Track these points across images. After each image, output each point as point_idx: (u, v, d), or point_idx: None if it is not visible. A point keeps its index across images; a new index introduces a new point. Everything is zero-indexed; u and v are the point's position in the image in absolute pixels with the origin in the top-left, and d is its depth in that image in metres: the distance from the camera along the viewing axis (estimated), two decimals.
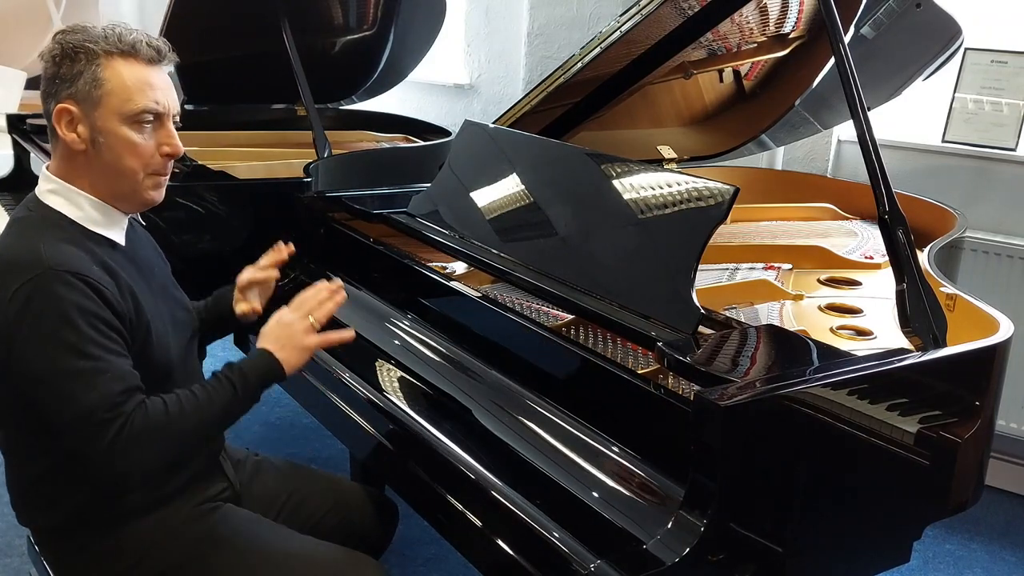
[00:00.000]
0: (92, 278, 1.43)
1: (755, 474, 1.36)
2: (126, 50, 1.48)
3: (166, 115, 1.53)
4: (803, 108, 2.75)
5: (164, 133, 1.53)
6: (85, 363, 1.39)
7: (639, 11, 2.21)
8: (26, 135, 3.27)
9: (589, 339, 1.73)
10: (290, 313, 1.62)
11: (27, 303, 1.39)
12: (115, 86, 1.47)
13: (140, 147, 1.50)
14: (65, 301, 1.40)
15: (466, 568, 1.63)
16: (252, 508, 1.70)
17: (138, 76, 1.49)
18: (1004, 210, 3.12)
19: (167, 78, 1.54)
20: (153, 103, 1.49)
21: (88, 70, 1.46)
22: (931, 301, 1.62)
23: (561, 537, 1.40)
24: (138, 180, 1.52)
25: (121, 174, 1.51)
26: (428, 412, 1.78)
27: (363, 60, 3.50)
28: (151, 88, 1.49)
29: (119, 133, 1.48)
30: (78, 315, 1.40)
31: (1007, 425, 3.13)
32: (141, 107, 1.48)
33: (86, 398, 1.38)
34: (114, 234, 1.56)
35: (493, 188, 2.12)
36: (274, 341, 1.59)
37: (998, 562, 2.82)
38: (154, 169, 1.53)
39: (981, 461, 1.67)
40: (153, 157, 1.52)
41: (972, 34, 2.87)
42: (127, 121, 1.48)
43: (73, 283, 1.41)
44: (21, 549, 2.51)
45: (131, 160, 1.50)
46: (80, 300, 1.41)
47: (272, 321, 1.63)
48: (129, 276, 1.53)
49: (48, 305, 1.39)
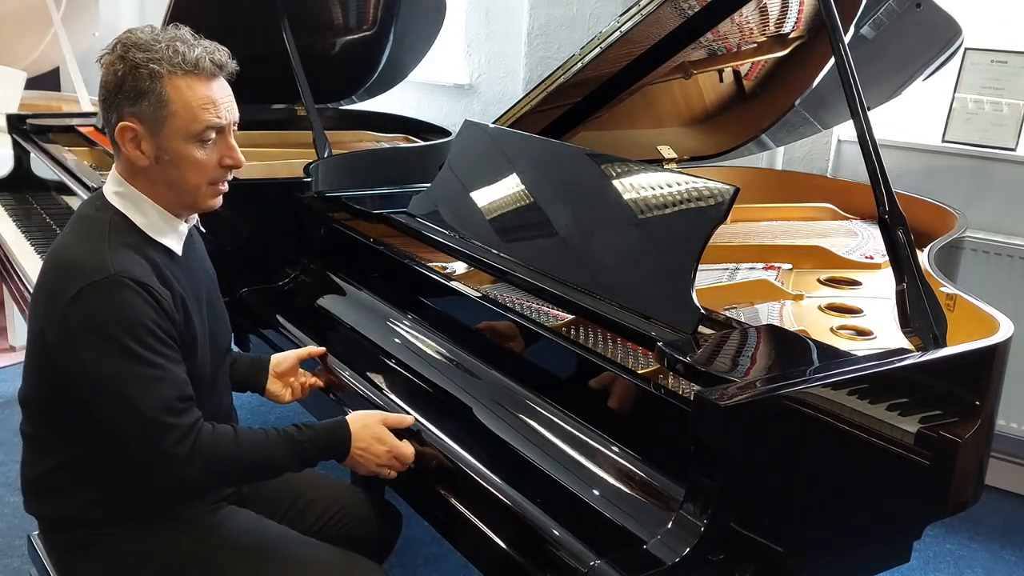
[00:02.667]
0: (153, 287, 1.45)
1: (755, 474, 1.36)
2: (189, 69, 1.48)
3: (227, 127, 1.54)
4: (803, 108, 2.75)
5: (225, 145, 1.54)
6: (146, 369, 1.42)
7: (639, 11, 2.21)
8: (26, 135, 3.27)
9: (589, 339, 1.73)
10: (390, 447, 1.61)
11: (90, 306, 1.41)
12: (179, 107, 1.48)
13: (203, 163, 1.52)
14: (128, 307, 1.42)
15: (466, 568, 1.63)
16: (257, 511, 1.70)
17: (202, 95, 1.49)
18: (1004, 210, 3.11)
19: (227, 89, 1.55)
20: (215, 119, 1.51)
21: (152, 90, 1.46)
22: (931, 301, 1.62)
23: (561, 536, 1.40)
24: (200, 193, 1.55)
25: (184, 188, 1.54)
26: (428, 411, 1.78)
27: (363, 60, 3.50)
28: (214, 105, 1.50)
29: (183, 152, 1.50)
30: (139, 322, 1.42)
31: (1007, 425, 3.13)
32: (204, 125, 1.49)
33: (146, 404, 1.41)
34: (173, 243, 1.57)
35: (493, 188, 2.12)
36: (363, 441, 1.59)
37: (998, 562, 2.82)
38: (215, 179, 1.55)
39: (981, 461, 1.67)
40: (215, 170, 1.54)
41: (972, 34, 2.87)
42: (191, 140, 1.50)
43: (136, 291, 1.43)
44: (21, 550, 2.51)
45: (195, 176, 1.53)
46: (142, 307, 1.43)
47: (382, 429, 1.62)
48: (182, 287, 1.54)
49: (111, 310, 1.41)
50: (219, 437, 1.48)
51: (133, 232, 1.52)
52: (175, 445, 1.43)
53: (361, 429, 1.60)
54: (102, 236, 1.48)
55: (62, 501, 1.56)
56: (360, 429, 1.60)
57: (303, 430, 1.57)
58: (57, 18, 4.13)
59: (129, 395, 1.41)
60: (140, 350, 1.41)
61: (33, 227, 3.09)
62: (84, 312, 1.41)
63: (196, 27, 1.59)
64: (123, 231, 1.51)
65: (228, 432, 1.50)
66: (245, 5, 2.85)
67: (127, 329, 1.41)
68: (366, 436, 1.60)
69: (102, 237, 1.48)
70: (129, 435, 1.45)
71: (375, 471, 1.62)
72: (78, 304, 1.41)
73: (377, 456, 1.60)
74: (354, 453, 1.59)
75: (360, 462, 1.60)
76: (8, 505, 2.81)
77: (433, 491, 1.61)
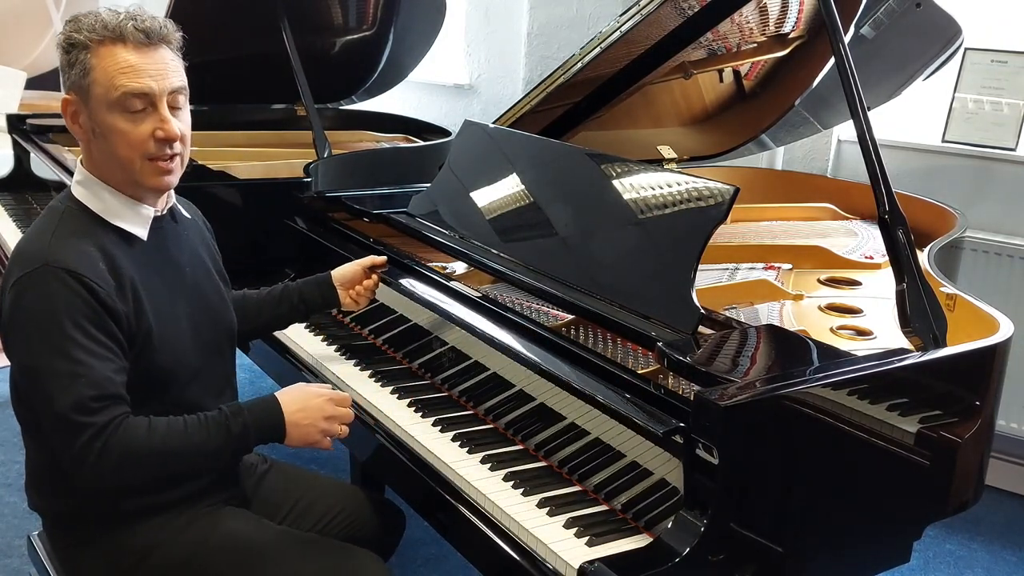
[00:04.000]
0: (87, 277, 1.43)
1: (755, 474, 1.36)
2: (111, 36, 1.45)
3: (157, 98, 1.48)
4: (803, 108, 2.75)
5: (157, 117, 1.48)
6: (64, 364, 1.39)
7: (639, 11, 2.21)
8: (26, 135, 3.27)
9: (589, 339, 1.73)
10: (331, 405, 1.55)
11: (20, 296, 1.42)
12: (99, 74, 1.45)
13: (129, 134, 1.47)
14: (55, 298, 1.40)
15: (466, 568, 1.63)
16: (258, 512, 1.70)
17: (121, 61, 1.45)
18: (1004, 210, 3.11)
19: (161, 59, 1.49)
20: (134, 84, 1.45)
21: (78, 60, 1.46)
22: (931, 301, 1.62)
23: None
24: (135, 168, 1.50)
25: (119, 163, 1.50)
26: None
27: (363, 60, 3.50)
28: (135, 72, 1.45)
29: (108, 122, 1.47)
30: (65, 314, 1.40)
31: (1007, 425, 3.13)
32: (122, 92, 1.45)
33: (61, 399, 1.38)
34: (135, 228, 1.55)
35: (493, 188, 2.12)
36: (298, 412, 1.52)
37: (999, 562, 2.82)
38: (150, 155, 1.49)
39: (981, 461, 1.67)
40: (146, 143, 1.48)
41: (972, 34, 2.87)
42: (114, 108, 1.46)
43: (67, 281, 1.41)
44: (21, 550, 2.51)
45: (123, 148, 1.48)
46: (70, 299, 1.41)
47: (311, 395, 1.55)
48: (141, 274, 1.52)
49: (38, 301, 1.41)
50: (129, 431, 1.41)
51: (87, 219, 1.50)
52: (86, 445, 1.37)
53: (297, 401, 1.53)
54: (51, 225, 1.48)
55: (64, 497, 1.56)
56: (296, 401, 1.53)
57: (238, 413, 1.50)
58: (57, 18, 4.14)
59: (46, 389, 1.39)
60: (61, 343, 1.39)
61: None
62: (15, 302, 1.42)
63: (196, 27, 1.58)
64: (75, 219, 1.50)
65: (141, 423, 1.43)
66: (245, 5, 2.85)
67: (52, 320, 1.40)
68: (296, 396, 1.54)
69: (51, 226, 1.48)
70: (47, 430, 1.43)
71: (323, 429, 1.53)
72: (12, 294, 1.43)
73: (318, 410, 1.52)
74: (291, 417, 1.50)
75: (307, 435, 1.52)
76: (8, 505, 2.81)
77: (434, 492, 1.61)
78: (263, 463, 1.84)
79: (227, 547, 1.59)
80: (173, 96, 1.51)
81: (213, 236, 1.82)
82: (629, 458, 1.52)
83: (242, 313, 1.83)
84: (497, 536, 1.47)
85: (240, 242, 2.46)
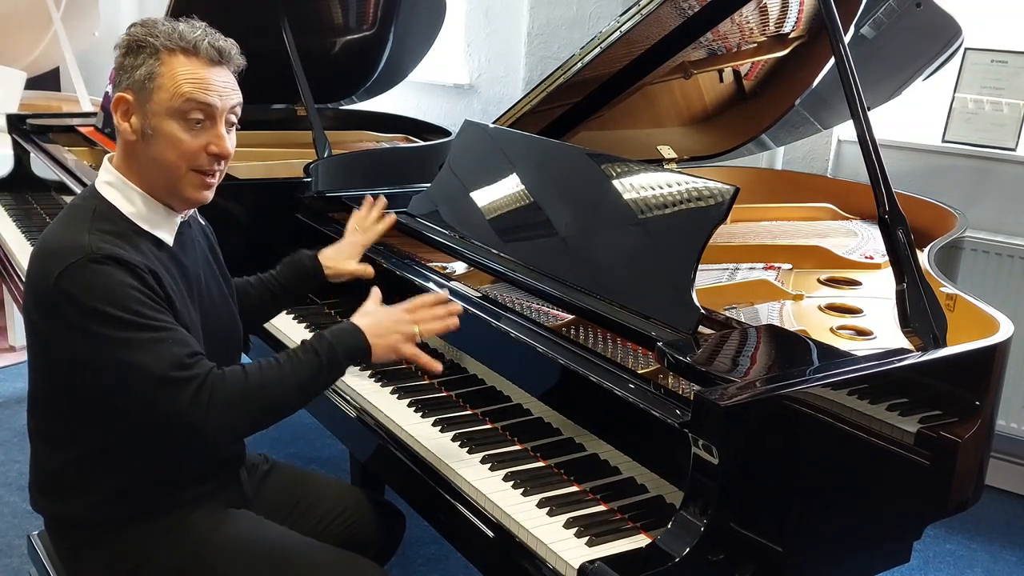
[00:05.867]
0: (131, 261, 1.44)
1: (755, 474, 1.36)
2: (185, 47, 1.49)
3: (217, 114, 1.52)
4: (803, 108, 2.75)
5: (213, 133, 1.52)
6: (141, 334, 1.40)
7: (639, 11, 2.21)
8: (26, 135, 3.27)
9: (589, 339, 1.73)
10: (403, 312, 1.62)
11: (72, 287, 1.40)
12: (167, 80, 1.48)
13: (184, 143, 1.50)
14: (110, 279, 1.41)
15: (466, 568, 1.63)
16: (259, 513, 1.70)
17: (191, 72, 1.49)
18: (1004, 210, 3.12)
19: (227, 79, 1.54)
20: (201, 95, 1.49)
21: (145, 63, 1.48)
22: (931, 301, 1.62)
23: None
24: (179, 175, 1.52)
25: (164, 168, 1.51)
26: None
27: (363, 60, 3.50)
28: (202, 85, 1.49)
29: (165, 127, 1.49)
30: (124, 290, 1.41)
31: (1007, 425, 3.13)
32: (186, 98, 1.48)
33: (154, 365, 1.39)
34: (163, 233, 1.56)
35: (493, 188, 2.12)
36: (374, 327, 1.58)
37: (999, 562, 2.82)
38: (198, 167, 1.52)
39: (981, 461, 1.67)
40: (198, 155, 1.51)
41: (972, 34, 2.87)
42: (174, 115, 1.49)
43: (114, 265, 1.42)
44: (21, 549, 2.51)
45: (173, 155, 1.50)
46: (123, 278, 1.42)
47: (381, 309, 1.63)
48: (169, 277, 1.53)
49: (94, 287, 1.40)
50: (228, 380, 1.45)
51: (119, 220, 1.51)
52: (194, 397, 1.40)
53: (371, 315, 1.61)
54: (84, 222, 1.48)
55: (70, 500, 1.56)
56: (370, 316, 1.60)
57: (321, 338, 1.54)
58: (57, 18, 4.13)
59: (133, 361, 1.39)
60: (132, 317, 1.40)
61: (33, 227, 3.09)
62: (67, 294, 1.40)
63: None
64: (107, 218, 1.50)
65: (237, 371, 1.47)
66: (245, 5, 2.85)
67: (113, 301, 1.40)
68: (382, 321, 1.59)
69: (83, 223, 1.48)
70: (146, 402, 1.42)
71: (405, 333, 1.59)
72: (61, 288, 1.41)
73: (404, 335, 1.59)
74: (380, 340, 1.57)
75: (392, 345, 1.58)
76: (8, 505, 2.81)
77: (434, 492, 1.61)
78: (264, 463, 1.84)
79: (228, 549, 1.59)
80: (231, 114, 1.55)
81: (215, 238, 1.82)
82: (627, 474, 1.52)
83: None
84: (497, 536, 1.47)
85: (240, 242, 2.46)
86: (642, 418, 1.44)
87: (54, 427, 1.56)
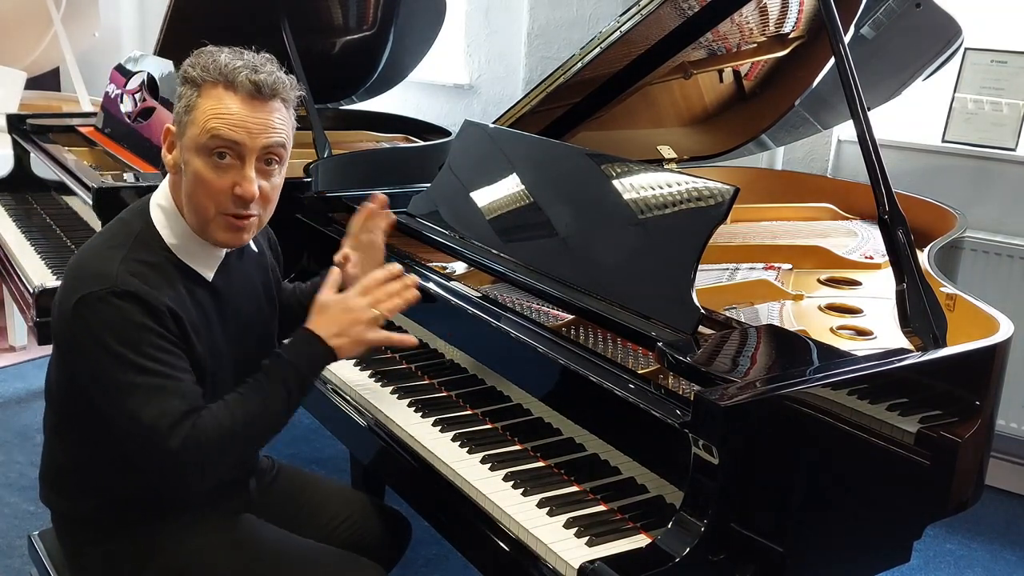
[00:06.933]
0: (152, 302, 1.40)
1: (755, 474, 1.36)
2: (222, 79, 1.43)
3: (247, 153, 1.43)
4: (803, 108, 2.75)
5: (240, 173, 1.44)
6: (143, 378, 1.37)
7: (639, 11, 2.21)
8: (26, 135, 3.27)
9: (589, 339, 1.73)
10: (356, 299, 1.52)
11: (88, 314, 1.38)
12: (199, 114, 1.43)
13: (209, 183, 1.43)
14: (126, 316, 1.38)
15: (466, 568, 1.63)
16: (263, 516, 1.70)
17: (223, 107, 1.42)
18: (1004, 210, 3.12)
19: (267, 114, 1.45)
20: (226, 136, 1.41)
21: (186, 94, 1.45)
22: (931, 301, 1.62)
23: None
24: (208, 217, 1.46)
25: (194, 208, 1.47)
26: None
27: (363, 60, 3.50)
28: (231, 121, 1.42)
29: (193, 163, 1.44)
30: (137, 330, 1.38)
31: (1007, 425, 3.13)
32: (211, 135, 1.41)
33: (146, 415, 1.36)
34: (202, 268, 1.52)
35: (493, 188, 2.12)
36: (332, 326, 1.49)
37: (999, 562, 2.82)
38: (224, 210, 1.45)
39: (981, 461, 1.67)
40: (224, 196, 1.44)
41: (972, 34, 2.87)
42: (201, 152, 1.43)
43: (133, 303, 1.39)
44: (22, 550, 2.51)
45: (201, 194, 1.44)
46: (141, 318, 1.39)
47: (334, 302, 1.52)
48: (200, 314, 1.49)
49: (107, 318, 1.38)
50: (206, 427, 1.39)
51: (159, 250, 1.48)
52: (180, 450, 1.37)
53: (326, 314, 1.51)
54: (123, 247, 1.45)
55: (77, 498, 1.57)
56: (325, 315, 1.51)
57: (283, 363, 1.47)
58: (57, 18, 4.13)
59: (128, 405, 1.37)
60: (137, 359, 1.37)
61: (33, 227, 3.08)
62: (84, 321, 1.39)
63: (196, 27, 1.57)
64: (148, 247, 1.47)
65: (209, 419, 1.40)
66: (245, 5, 2.85)
67: (124, 339, 1.37)
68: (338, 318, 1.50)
69: (122, 248, 1.45)
70: (132, 445, 1.42)
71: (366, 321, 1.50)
72: (78, 312, 1.39)
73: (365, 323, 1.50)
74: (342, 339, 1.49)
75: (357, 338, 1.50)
76: (9, 505, 2.81)
77: (434, 492, 1.61)
78: (271, 468, 1.84)
79: (232, 553, 1.59)
80: (267, 154, 1.46)
81: (277, 255, 1.78)
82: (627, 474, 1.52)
83: None
84: (497, 536, 1.47)
85: None
86: (642, 418, 1.44)
87: (67, 424, 1.55)
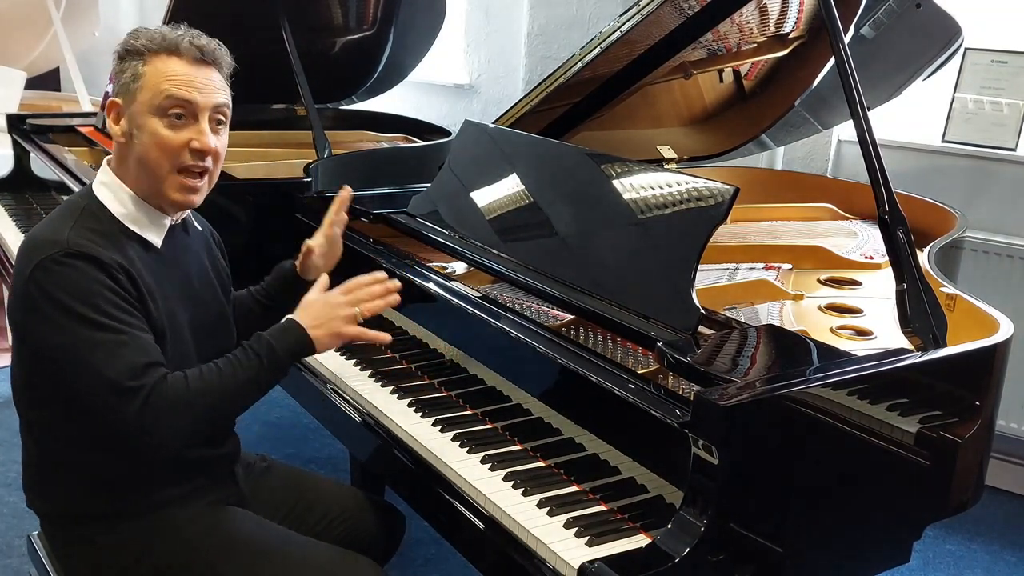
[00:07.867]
0: (106, 261, 1.45)
1: (755, 474, 1.36)
2: (167, 47, 1.53)
3: (199, 111, 1.53)
4: (803, 108, 2.75)
5: (195, 129, 1.53)
6: (104, 335, 1.42)
7: (639, 11, 2.21)
8: (26, 135, 3.27)
9: (589, 339, 1.73)
10: (339, 296, 1.61)
11: (44, 279, 1.43)
12: (149, 80, 1.52)
13: (166, 140, 1.52)
14: (83, 278, 1.43)
15: (466, 568, 1.63)
16: (257, 512, 1.70)
17: (172, 70, 1.52)
18: (1004, 210, 3.12)
19: (211, 78, 1.56)
20: (180, 91, 1.51)
21: (131, 66, 1.53)
22: (931, 301, 1.62)
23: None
24: (163, 175, 1.54)
25: (148, 168, 1.54)
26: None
27: (363, 60, 3.50)
28: (182, 82, 1.52)
29: (148, 124, 1.52)
30: (95, 291, 1.43)
31: (1007, 425, 3.13)
32: (166, 96, 1.50)
33: (109, 368, 1.40)
34: (151, 235, 1.58)
35: (493, 188, 2.12)
36: (313, 318, 1.57)
37: (998, 562, 2.82)
38: (181, 165, 1.53)
39: (981, 461, 1.67)
40: (180, 152, 1.53)
41: (972, 34, 2.87)
42: (156, 112, 1.52)
43: (89, 263, 1.44)
44: (21, 549, 2.51)
45: (156, 152, 1.52)
46: (97, 276, 1.44)
47: (318, 297, 1.61)
48: (153, 278, 1.54)
49: (65, 281, 1.43)
50: (171, 386, 1.44)
51: (107, 220, 1.54)
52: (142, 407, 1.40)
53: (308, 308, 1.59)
54: (70, 218, 1.51)
55: (60, 496, 1.57)
56: (307, 308, 1.59)
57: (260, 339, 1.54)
58: (57, 18, 4.13)
59: (90, 362, 1.41)
60: (97, 316, 1.42)
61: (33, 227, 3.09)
62: (40, 285, 1.43)
63: (195, 27, 1.60)
64: (95, 217, 1.53)
65: (178, 377, 1.45)
66: (245, 5, 2.85)
67: (82, 298, 1.42)
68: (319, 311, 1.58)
69: (69, 219, 1.51)
70: (98, 404, 1.43)
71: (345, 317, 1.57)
72: (33, 278, 1.43)
73: (344, 318, 1.58)
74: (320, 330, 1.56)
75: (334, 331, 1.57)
76: (8, 505, 2.81)
77: (434, 492, 1.61)
78: (262, 462, 1.84)
79: (226, 547, 1.59)
80: (215, 114, 1.56)
81: (222, 250, 1.82)
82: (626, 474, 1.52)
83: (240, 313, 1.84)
84: (497, 536, 1.47)
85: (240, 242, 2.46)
86: (642, 418, 1.44)
87: (35, 418, 1.57)
